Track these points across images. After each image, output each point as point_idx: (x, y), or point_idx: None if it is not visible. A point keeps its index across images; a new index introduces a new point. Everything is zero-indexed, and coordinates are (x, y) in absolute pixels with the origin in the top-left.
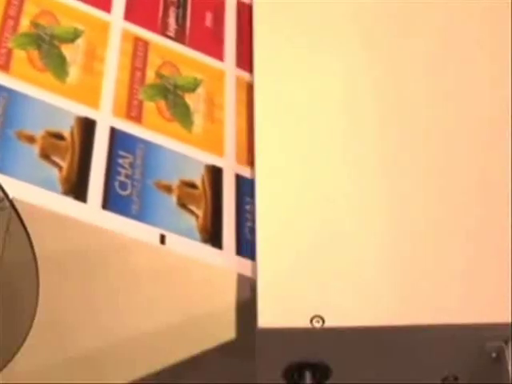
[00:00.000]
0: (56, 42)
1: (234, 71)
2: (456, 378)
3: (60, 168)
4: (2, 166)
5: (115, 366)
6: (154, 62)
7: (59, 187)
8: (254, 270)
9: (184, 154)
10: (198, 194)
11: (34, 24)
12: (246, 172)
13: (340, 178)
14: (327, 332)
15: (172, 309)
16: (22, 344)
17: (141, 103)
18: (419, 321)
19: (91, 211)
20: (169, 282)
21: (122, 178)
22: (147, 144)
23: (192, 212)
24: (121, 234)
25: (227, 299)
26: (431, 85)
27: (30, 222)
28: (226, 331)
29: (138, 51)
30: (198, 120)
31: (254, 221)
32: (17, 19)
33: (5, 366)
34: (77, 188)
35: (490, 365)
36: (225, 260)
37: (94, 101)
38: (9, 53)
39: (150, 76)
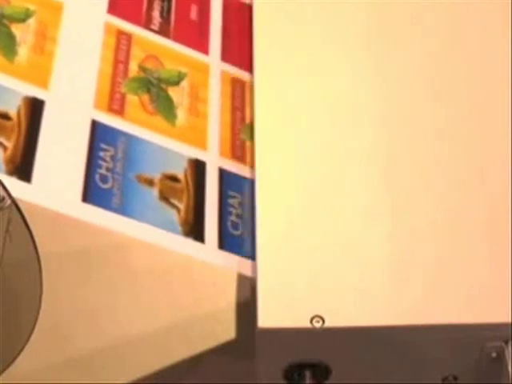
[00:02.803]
0: (6, 22)
1: (218, 65)
2: (456, 378)
3: (5, 148)
4: None
5: (115, 366)
6: (137, 55)
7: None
8: (254, 269)
9: (167, 147)
10: (181, 188)
11: None
12: (229, 166)
13: (340, 178)
14: (327, 332)
15: (172, 309)
16: (23, 347)
17: (123, 96)
18: (419, 321)
19: (71, 204)
20: (169, 282)
21: (102, 171)
22: (129, 137)
23: (174, 205)
24: (103, 227)
25: (227, 299)
26: (434, 87)
27: (28, 221)
28: (226, 331)
29: (121, 44)
30: (182, 114)
31: (237, 215)
32: None
33: (5, 369)
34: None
35: (489, 365)
36: (207, 254)
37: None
38: None
39: (133, 69)
